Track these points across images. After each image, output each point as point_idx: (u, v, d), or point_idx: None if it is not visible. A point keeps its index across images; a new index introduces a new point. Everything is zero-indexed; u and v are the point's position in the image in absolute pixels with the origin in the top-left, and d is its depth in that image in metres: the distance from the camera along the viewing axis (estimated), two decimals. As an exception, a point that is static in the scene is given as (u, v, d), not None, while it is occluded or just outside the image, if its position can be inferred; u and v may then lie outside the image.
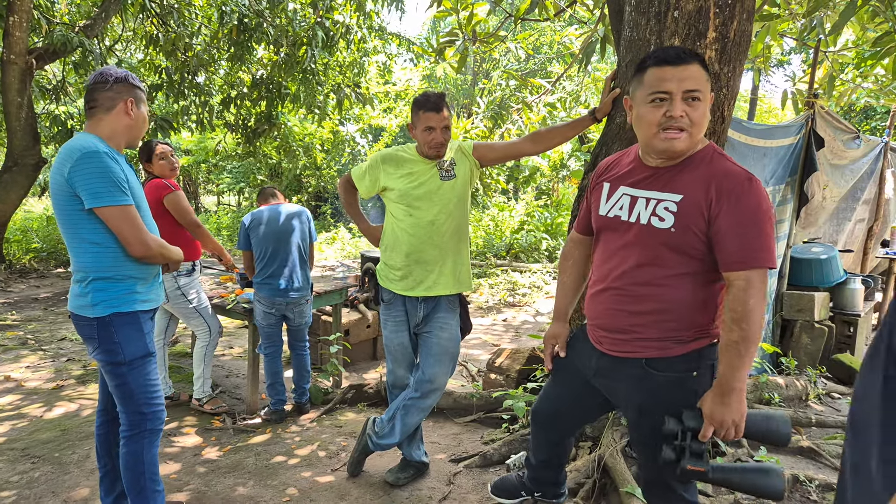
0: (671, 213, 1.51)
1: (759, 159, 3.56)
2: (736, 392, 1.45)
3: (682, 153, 1.53)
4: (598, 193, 1.74)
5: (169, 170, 3.33)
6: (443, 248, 2.42)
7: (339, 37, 8.56)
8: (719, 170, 1.50)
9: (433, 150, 2.39)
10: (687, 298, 1.54)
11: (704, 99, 1.49)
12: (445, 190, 2.41)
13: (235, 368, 4.45)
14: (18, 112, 7.55)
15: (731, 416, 1.46)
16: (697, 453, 1.50)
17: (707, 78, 1.50)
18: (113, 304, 1.92)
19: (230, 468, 2.82)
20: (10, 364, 4.43)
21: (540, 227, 11.36)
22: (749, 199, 1.45)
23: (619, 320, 1.63)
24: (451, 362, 2.52)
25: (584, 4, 4.45)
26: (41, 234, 10.72)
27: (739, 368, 1.44)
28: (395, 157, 2.46)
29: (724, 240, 1.46)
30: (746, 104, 17.99)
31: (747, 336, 1.42)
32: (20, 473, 2.73)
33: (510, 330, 6.06)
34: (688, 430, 1.51)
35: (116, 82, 1.96)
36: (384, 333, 2.58)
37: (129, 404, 2.00)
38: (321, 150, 14.05)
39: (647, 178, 1.60)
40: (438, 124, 2.36)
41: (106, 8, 8.12)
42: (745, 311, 1.42)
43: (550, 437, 2.00)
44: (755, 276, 1.43)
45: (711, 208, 1.47)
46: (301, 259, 3.42)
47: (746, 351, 1.43)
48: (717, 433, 1.48)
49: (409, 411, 2.51)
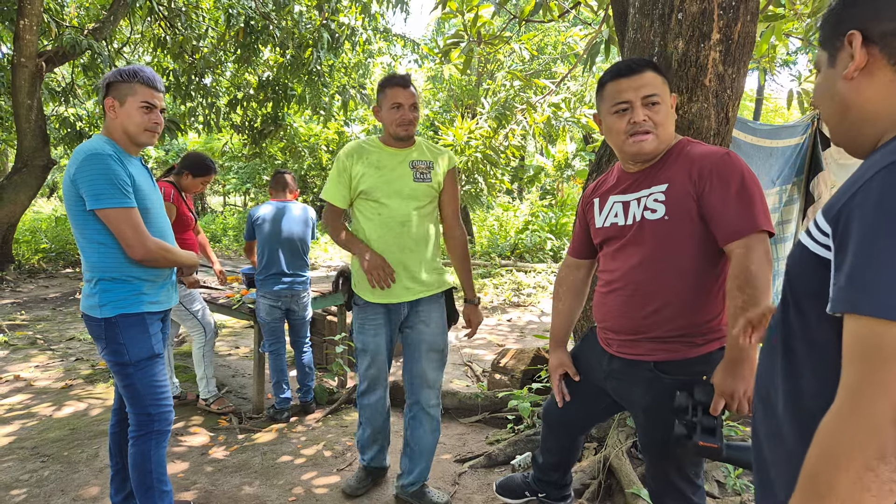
0: (661, 203, 1.54)
1: (765, 159, 3.56)
2: (747, 361, 1.41)
3: (654, 153, 1.59)
4: (591, 211, 1.78)
5: (198, 191, 3.49)
6: (414, 252, 2.28)
7: (344, 39, 8.59)
8: (695, 153, 1.55)
9: (402, 129, 2.21)
10: (689, 292, 1.54)
11: (663, 101, 1.56)
12: (420, 192, 2.27)
13: (242, 368, 4.48)
14: (28, 114, 7.62)
15: (742, 386, 1.41)
16: (709, 429, 1.44)
17: (663, 81, 1.58)
18: (120, 306, 1.93)
19: (237, 467, 2.84)
20: (20, 363, 4.48)
21: (544, 227, 11.35)
22: (731, 171, 1.49)
23: (626, 320, 1.64)
24: (438, 355, 2.39)
25: (588, 6, 4.45)
26: (50, 234, 10.81)
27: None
28: (357, 148, 2.30)
29: (717, 215, 1.48)
30: (752, 104, 17.90)
31: (752, 299, 1.39)
32: (30, 472, 2.76)
33: (515, 330, 6.06)
34: (698, 403, 1.46)
35: (104, 86, 1.96)
36: (359, 337, 2.39)
37: (136, 405, 2.02)
38: (326, 150, 14.10)
39: (632, 184, 1.65)
40: (406, 101, 2.19)
41: (114, 11, 8.19)
42: (747, 276, 1.41)
43: (561, 437, 2.00)
44: (753, 241, 1.44)
45: (696, 188, 1.50)
46: (303, 254, 3.50)
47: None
48: (729, 406, 1.44)
49: (420, 424, 2.41)
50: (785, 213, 3.86)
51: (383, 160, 2.26)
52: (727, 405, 1.45)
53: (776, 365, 0.92)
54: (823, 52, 0.90)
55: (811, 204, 4.00)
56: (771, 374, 0.94)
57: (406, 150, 2.30)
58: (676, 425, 1.47)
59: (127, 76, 1.92)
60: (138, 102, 1.93)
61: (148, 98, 1.94)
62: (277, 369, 3.47)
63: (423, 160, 2.30)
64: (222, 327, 5.78)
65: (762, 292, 1.40)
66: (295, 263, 3.43)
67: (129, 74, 1.92)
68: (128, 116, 1.93)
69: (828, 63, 0.90)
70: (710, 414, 1.46)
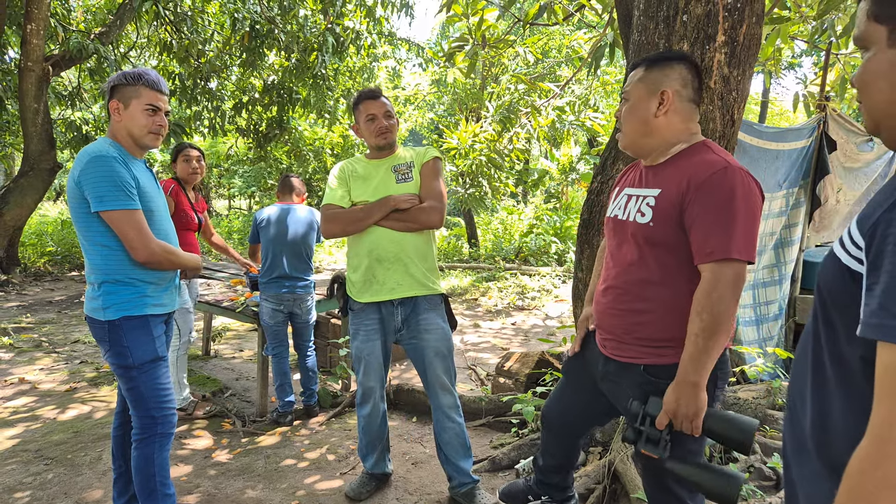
0: (650, 208, 1.53)
1: (771, 162, 3.54)
2: (690, 386, 1.41)
3: (628, 148, 1.64)
4: (610, 197, 1.80)
5: (189, 172, 3.43)
6: (403, 244, 2.32)
7: (349, 42, 8.63)
8: (697, 161, 1.49)
9: (381, 138, 2.35)
10: (677, 297, 1.52)
11: (631, 97, 1.60)
12: (403, 192, 2.34)
13: (245, 371, 4.48)
14: (35, 118, 7.68)
15: (684, 409, 1.43)
16: (653, 440, 1.50)
17: (642, 79, 1.59)
18: (123, 308, 1.94)
19: (240, 471, 2.84)
20: (25, 366, 4.49)
21: (549, 230, 11.33)
22: (721, 187, 1.40)
23: (617, 321, 1.64)
24: (446, 360, 2.43)
25: (592, 9, 4.44)
26: (56, 237, 10.87)
27: (697, 361, 1.40)
28: (346, 164, 2.44)
29: (694, 230, 1.43)
30: (757, 107, 17.86)
31: (707, 328, 1.38)
32: (33, 475, 2.76)
33: (519, 334, 6.04)
34: (647, 415, 1.51)
35: (109, 89, 1.97)
36: (354, 344, 2.44)
37: (140, 408, 2.02)
38: (331, 154, 14.14)
39: (640, 177, 1.65)
40: (379, 111, 2.35)
41: (121, 15, 8.25)
42: (706, 303, 1.38)
43: (561, 439, 2.00)
44: (723, 268, 1.38)
45: (684, 199, 1.46)
46: (307, 258, 3.49)
47: (706, 344, 1.38)
48: (674, 424, 1.47)
49: (443, 428, 2.45)
50: (792, 217, 3.84)
51: (369, 171, 2.40)
52: (672, 423, 1.47)
53: (806, 375, 0.86)
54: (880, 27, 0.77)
55: (817, 207, 3.97)
56: (800, 383, 0.88)
57: (388, 158, 2.42)
58: (626, 429, 1.54)
59: (131, 79, 1.93)
60: (143, 105, 1.94)
61: (152, 101, 1.95)
62: (280, 373, 3.46)
63: (404, 162, 2.40)
64: (226, 330, 5.79)
65: (718, 324, 1.38)
66: (298, 266, 3.42)
67: (134, 77, 1.93)
68: (132, 119, 1.94)
69: (889, 41, 0.76)
70: (655, 426, 1.50)
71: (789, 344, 4.00)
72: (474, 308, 7.39)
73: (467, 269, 9.95)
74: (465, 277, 9.17)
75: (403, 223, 2.31)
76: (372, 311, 2.39)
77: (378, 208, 2.29)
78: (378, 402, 2.51)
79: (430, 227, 2.35)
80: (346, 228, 2.33)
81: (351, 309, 2.46)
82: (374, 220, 2.29)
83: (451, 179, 7.12)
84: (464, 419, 2.52)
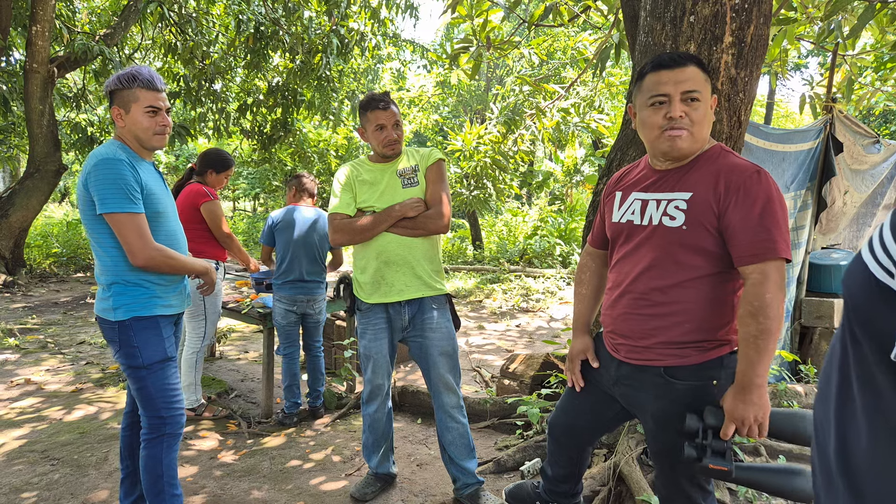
0: (681, 212, 1.51)
1: (777, 164, 3.52)
2: (756, 388, 1.41)
3: (687, 152, 1.54)
4: (610, 203, 1.75)
5: (223, 186, 3.59)
6: (411, 248, 2.33)
7: (353, 44, 8.65)
8: (726, 165, 1.50)
9: (389, 149, 2.34)
10: (702, 300, 1.52)
11: (704, 99, 1.50)
12: (409, 196, 2.35)
13: (251, 372, 4.49)
14: (40, 119, 7.71)
15: (753, 413, 1.41)
16: (720, 451, 1.45)
17: (706, 79, 1.52)
18: (133, 309, 1.95)
19: (245, 472, 2.84)
20: (31, 367, 4.51)
21: (553, 232, 11.33)
22: (758, 190, 1.44)
23: (636, 325, 1.61)
24: (451, 359, 2.44)
25: (598, 10, 4.44)
26: (61, 239, 10.90)
27: (759, 363, 1.40)
28: (351, 168, 2.42)
29: (736, 234, 1.44)
30: (763, 109, 17.80)
31: (765, 329, 1.39)
32: (40, 475, 2.77)
33: (524, 335, 6.03)
34: (708, 427, 1.47)
35: (108, 95, 1.97)
36: (362, 342, 2.46)
37: (149, 408, 2.02)
38: (335, 156, 14.15)
39: (656, 182, 1.61)
40: (389, 121, 2.31)
41: (125, 17, 8.28)
42: (761, 305, 1.39)
43: (568, 450, 1.97)
44: (770, 268, 1.40)
45: (720, 203, 1.46)
46: (320, 260, 3.50)
47: (766, 345, 1.39)
48: (740, 431, 1.44)
49: (447, 428, 2.45)
50: (799, 219, 3.82)
51: (374, 176, 2.39)
52: (737, 430, 1.44)
53: (831, 390, 0.79)
54: None
55: (823, 209, 3.96)
56: (825, 401, 0.80)
57: (393, 162, 2.41)
58: (686, 447, 1.47)
59: (126, 82, 1.92)
60: (143, 108, 1.94)
61: (151, 102, 1.95)
62: (290, 373, 3.47)
63: (409, 166, 2.39)
64: (231, 332, 5.80)
65: (775, 323, 1.39)
66: (312, 269, 3.43)
67: (128, 80, 1.93)
68: (135, 123, 1.95)
69: None
70: (720, 438, 1.46)
71: (795, 347, 3.98)
72: (479, 310, 7.39)
73: (472, 270, 9.95)
74: (469, 279, 9.17)
75: (411, 230, 2.33)
76: (380, 310, 2.41)
77: (386, 218, 2.30)
78: (385, 399, 2.53)
79: (437, 233, 2.37)
80: (354, 238, 2.35)
81: (359, 309, 2.47)
82: (382, 229, 2.31)
83: (455, 181, 7.12)
84: (468, 420, 2.52)
